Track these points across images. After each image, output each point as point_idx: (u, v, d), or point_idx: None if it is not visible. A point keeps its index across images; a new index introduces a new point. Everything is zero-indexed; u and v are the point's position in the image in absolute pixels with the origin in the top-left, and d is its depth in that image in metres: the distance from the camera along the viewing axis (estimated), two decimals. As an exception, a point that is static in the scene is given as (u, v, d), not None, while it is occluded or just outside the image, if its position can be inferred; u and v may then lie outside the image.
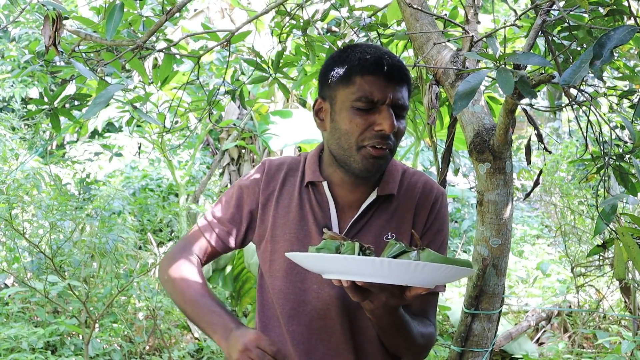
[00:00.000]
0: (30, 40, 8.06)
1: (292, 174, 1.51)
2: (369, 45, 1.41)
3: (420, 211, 1.48)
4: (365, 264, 1.11)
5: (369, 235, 1.44)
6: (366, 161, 1.36)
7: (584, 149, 1.81)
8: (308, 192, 1.48)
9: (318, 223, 1.44)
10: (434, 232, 1.49)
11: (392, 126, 1.33)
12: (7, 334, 3.51)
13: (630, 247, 1.55)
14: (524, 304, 5.01)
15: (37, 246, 3.20)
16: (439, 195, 1.50)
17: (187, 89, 2.67)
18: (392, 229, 1.45)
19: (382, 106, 1.34)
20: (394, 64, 1.36)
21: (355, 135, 1.36)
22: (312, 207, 1.46)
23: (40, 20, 2.14)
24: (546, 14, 1.41)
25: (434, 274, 1.13)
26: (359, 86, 1.34)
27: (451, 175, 2.15)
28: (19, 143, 5.55)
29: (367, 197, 1.46)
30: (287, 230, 1.46)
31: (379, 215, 1.46)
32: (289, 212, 1.47)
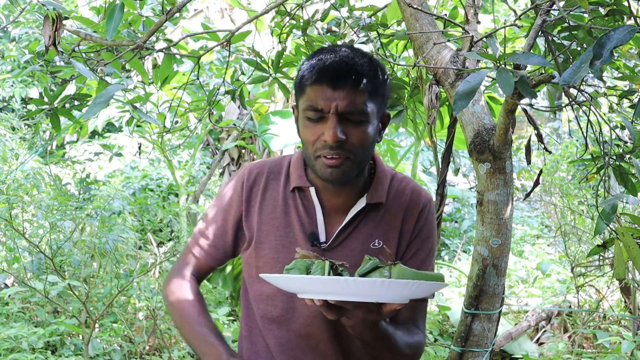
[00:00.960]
0: (30, 40, 8.06)
1: (274, 178, 1.48)
2: (330, 49, 1.35)
3: (408, 219, 1.47)
4: (332, 283, 1.11)
5: (356, 243, 1.43)
6: (324, 170, 1.34)
7: (584, 149, 1.81)
8: (294, 197, 1.45)
9: (304, 229, 1.42)
10: (422, 239, 1.48)
11: (334, 136, 1.29)
12: (7, 334, 3.51)
13: (631, 247, 1.55)
14: (524, 304, 5.01)
15: (37, 246, 3.20)
16: (427, 202, 1.49)
17: (187, 89, 2.67)
18: (379, 236, 1.44)
19: (327, 115, 1.31)
20: (339, 69, 1.30)
21: (310, 145, 1.34)
22: (299, 212, 1.44)
23: (40, 20, 2.15)
24: (546, 14, 1.41)
25: (402, 290, 1.13)
26: (308, 95, 1.32)
27: (451, 175, 2.15)
28: (19, 143, 5.55)
29: (354, 203, 1.43)
30: (272, 237, 1.44)
31: (366, 223, 1.44)
32: (274, 218, 1.45)
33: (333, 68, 1.30)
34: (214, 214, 1.52)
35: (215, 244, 1.51)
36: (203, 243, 1.52)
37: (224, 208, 1.50)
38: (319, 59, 1.33)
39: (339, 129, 1.29)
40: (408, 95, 2.43)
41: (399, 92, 2.43)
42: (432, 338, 4.64)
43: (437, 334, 4.73)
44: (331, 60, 1.31)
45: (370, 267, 1.19)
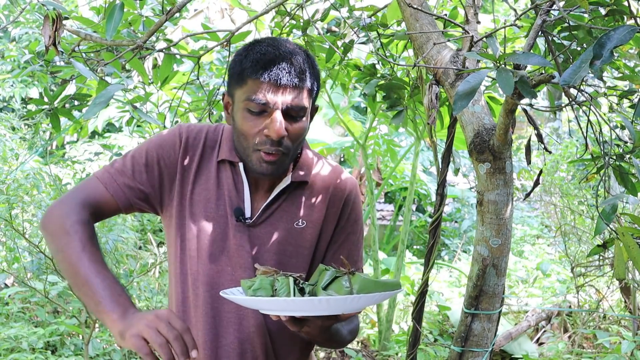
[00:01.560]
0: (30, 40, 8.06)
1: (210, 146, 1.46)
2: (270, 43, 1.36)
3: (334, 202, 1.49)
4: (305, 304, 1.16)
5: (280, 221, 1.44)
6: (259, 164, 1.35)
7: (584, 149, 1.81)
8: (225, 169, 1.44)
9: (232, 204, 1.42)
10: (352, 223, 1.51)
11: (279, 132, 1.30)
12: (7, 334, 3.51)
13: (631, 247, 1.55)
14: (524, 304, 5.01)
15: (37, 246, 3.20)
16: (353, 187, 1.52)
17: (187, 89, 2.67)
18: (303, 217, 1.46)
19: (272, 110, 1.31)
20: (284, 66, 1.31)
21: (248, 138, 1.34)
22: (229, 186, 1.43)
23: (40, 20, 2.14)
24: (546, 14, 1.41)
25: (369, 302, 1.20)
26: (250, 88, 1.32)
27: (451, 175, 2.15)
28: (19, 143, 5.55)
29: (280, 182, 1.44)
30: (203, 208, 1.42)
31: (291, 201, 1.46)
32: (207, 189, 1.43)
33: (278, 63, 1.31)
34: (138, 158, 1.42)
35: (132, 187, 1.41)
36: (120, 181, 1.40)
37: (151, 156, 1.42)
38: (261, 53, 1.32)
39: (284, 125, 1.31)
40: (408, 95, 2.43)
41: (399, 92, 2.43)
42: (432, 338, 4.64)
43: (437, 334, 4.73)
44: (274, 55, 1.32)
45: (330, 278, 1.24)
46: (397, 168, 7.24)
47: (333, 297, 1.16)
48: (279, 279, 1.23)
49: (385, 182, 6.30)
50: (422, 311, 2.26)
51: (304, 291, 1.25)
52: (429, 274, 2.23)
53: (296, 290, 1.22)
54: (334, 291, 1.23)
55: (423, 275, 2.25)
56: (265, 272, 1.25)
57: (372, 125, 4.93)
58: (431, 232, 2.20)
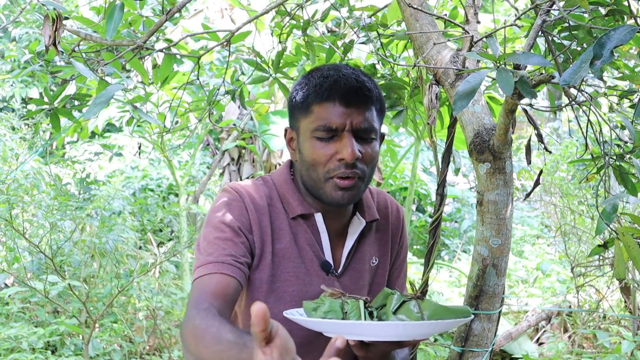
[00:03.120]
0: (30, 40, 8.06)
1: (273, 204, 1.37)
2: (331, 68, 1.33)
3: (395, 232, 1.50)
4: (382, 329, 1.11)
5: (360, 263, 1.42)
6: (335, 193, 1.30)
7: (584, 149, 1.81)
8: (299, 224, 1.37)
9: (316, 257, 1.37)
10: (404, 249, 1.53)
11: (352, 154, 1.26)
12: (7, 334, 3.51)
13: (631, 247, 1.55)
14: (524, 304, 5.01)
15: (37, 246, 3.20)
16: (403, 213, 1.53)
17: (187, 89, 2.67)
18: (375, 253, 1.45)
19: (342, 133, 1.27)
20: (351, 85, 1.27)
21: (320, 167, 1.29)
22: (308, 241, 1.37)
23: (40, 20, 2.14)
24: (546, 14, 1.41)
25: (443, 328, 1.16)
26: (317, 115, 1.28)
27: (451, 175, 2.15)
28: (19, 143, 5.55)
29: (349, 223, 1.40)
30: (286, 269, 1.35)
31: (364, 242, 1.44)
32: (285, 248, 1.35)
33: (343, 84, 1.28)
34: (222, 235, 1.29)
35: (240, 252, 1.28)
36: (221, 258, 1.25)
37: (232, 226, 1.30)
38: (323, 77, 1.29)
39: (356, 146, 1.27)
40: (408, 95, 2.42)
41: (399, 92, 2.43)
42: (432, 338, 4.63)
43: (437, 334, 4.73)
44: (337, 76, 1.29)
45: (398, 303, 1.21)
46: (397, 168, 7.24)
47: (410, 323, 1.12)
48: (348, 301, 1.18)
49: (385, 182, 6.30)
50: (422, 311, 2.26)
51: (373, 315, 1.22)
52: (429, 274, 2.23)
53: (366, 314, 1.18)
54: (405, 316, 1.19)
55: (423, 275, 2.25)
56: (333, 294, 1.20)
57: (372, 125, 4.92)
58: (431, 232, 2.20)
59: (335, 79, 1.28)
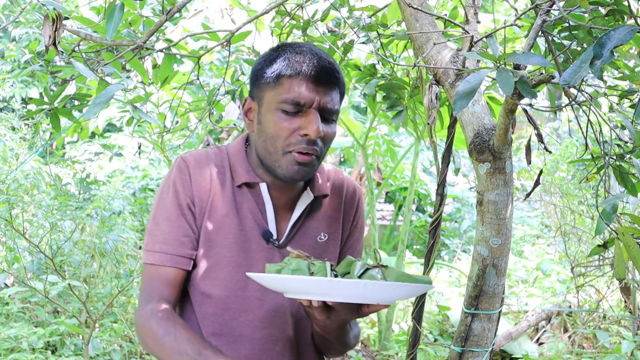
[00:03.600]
0: (30, 40, 8.06)
1: (220, 172, 1.41)
2: (301, 45, 1.35)
3: (348, 210, 1.49)
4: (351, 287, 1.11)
5: (305, 237, 1.42)
6: (291, 167, 1.31)
7: (584, 149, 1.81)
8: (242, 193, 1.39)
9: (258, 227, 1.38)
10: (358, 230, 1.52)
11: (317, 131, 1.28)
12: (7, 334, 3.51)
13: (631, 247, 1.55)
14: (524, 304, 5.01)
15: (37, 246, 3.20)
16: (360, 193, 1.53)
17: (187, 89, 2.67)
18: (324, 229, 1.45)
19: (308, 110, 1.29)
20: (323, 65, 1.30)
21: (281, 140, 1.30)
22: (251, 209, 1.39)
23: (40, 20, 2.14)
24: (546, 14, 1.41)
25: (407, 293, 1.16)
26: (286, 87, 1.29)
27: (451, 175, 2.15)
28: (19, 143, 5.55)
29: (299, 197, 1.42)
30: (224, 235, 1.37)
31: (312, 216, 1.44)
32: (225, 215, 1.37)
33: (316, 63, 1.30)
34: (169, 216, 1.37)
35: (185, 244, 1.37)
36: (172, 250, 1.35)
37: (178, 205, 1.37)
38: (296, 52, 1.32)
39: (321, 124, 1.30)
40: (408, 95, 2.43)
41: (399, 92, 2.43)
42: (432, 338, 4.63)
43: (437, 334, 4.73)
44: (311, 54, 1.31)
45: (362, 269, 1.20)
46: (397, 168, 7.24)
47: (377, 282, 1.11)
48: (315, 262, 1.19)
49: (385, 182, 6.30)
50: (422, 311, 2.26)
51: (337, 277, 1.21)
52: (429, 274, 2.23)
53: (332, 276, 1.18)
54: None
55: (423, 275, 2.25)
56: (299, 255, 1.20)
57: (372, 125, 4.93)
58: (431, 232, 2.20)
59: (309, 56, 1.31)
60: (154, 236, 1.37)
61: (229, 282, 1.36)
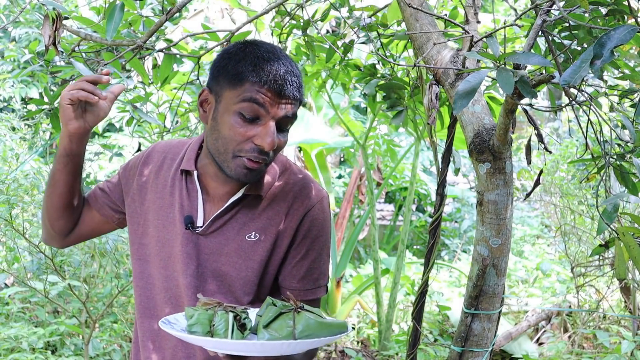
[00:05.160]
0: (30, 40, 8.06)
1: (172, 158, 1.50)
2: (269, 49, 1.32)
3: (292, 217, 1.43)
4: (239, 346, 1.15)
5: (232, 231, 1.41)
6: (239, 170, 1.32)
7: (584, 148, 1.81)
8: (180, 179, 1.46)
9: (183, 211, 1.42)
10: (312, 239, 1.44)
11: (272, 144, 1.28)
12: (7, 334, 3.51)
13: (631, 247, 1.55)
14: (524, 304, 5.01)
15: (37, 246, 3.20)
16: (316, 201, 1.44)
17: (187, 89, 2.67)
18: (256, 229, 1.41)
19: (266, 120, 1.28)
20: (289, 79, 1.29)
21: (233, 144, 1.30)
22: (182, 194, 1.44)
23: (40, 20, 2.12)
24: (546, 13, 1.41)
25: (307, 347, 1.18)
26: (248, 92, 1.27)
27: (451, 175, 2.15)
28: (19, 143, 5.55)
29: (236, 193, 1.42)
30: (155, 216, 1.46)
31: (245, 213, 1.42)
32: (160, 198, 1.47)
33: (282, 74, 1.28)
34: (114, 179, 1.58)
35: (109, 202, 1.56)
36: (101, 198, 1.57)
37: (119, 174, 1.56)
38: (261, 58, 1.29)
39: (276, 136, 1.29)
40: (408, 95, 2.42)
41: (399, 92, 2.42)
42: (432, 338, 4.64)
43: (437, 334, 4.73)
44: (278, 64, 1.29)
45: (274, 315, 1.20)
46: (397, 168, 7.24)
47: (269, 343, 1.14)
48: (218, 313, 1.20)
49: (385, 182, 6.30)
50: (422, 311, 2.26)
51: (245, 327, 1.22)
52: (429, 274, 2.23)
53: (235, 327, 1.19)
54: (275, 330, 1.19)
55: (423, 275, 2.25)
56: (207, 303, 1.22)
57: (372, 125, 4.93)
58: (431, 232, 2.20)
59: (277, 65, 1.28)
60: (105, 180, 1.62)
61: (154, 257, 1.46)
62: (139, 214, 1.49)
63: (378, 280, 4.72)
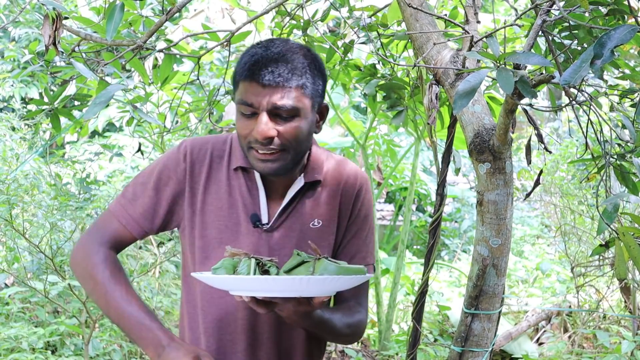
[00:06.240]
0: (30, 40, 8.06)
1: (218, 156, 1.47)
2: (262, 45, 1.35)
3: (346, 198, 1.49)
4: (255, 282, 1.17)
5: (296, 223, 1.44)
6: (255, 162, 1.36)
7: (584, 148, 1.81)
8: (237, 177, 1.45)
9: (247, 210, 1.43)
10: (361, 219, 1.51)
11: (262, 133, 1.30)
12: (7, 334, 3.51)
13: (631, 247, 1.55)
14: (524, 304, 5.01)
15: (37, 246, 3.20)
16: (364, 182, 1.51)
17: (188, 89, 2.68)
18: (318, 216, 1.46)
19: (259, 111, 1.32)
20: (270, 66, 1.30)
21: (242, 138, 1.36)
22: (242, 193, 1.44)
23: (40, 20, 2.13)
24: (546, 13, 1.41)
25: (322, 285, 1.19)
26: (240, 91, 1.33)
27: (451, 175, 2.15)
28: (19, 143, 5.55)
29: (292, 184, 1.44)
30: (216, 217, 1.43)
31: (305, 202, 1.46)
32: (218, 199, 1.44)
33: (263, 64, 1.30)
34: (146, 183, 1.45)
35: (146, 215, 1.44)
36: (132, 211, 1.45)
37: (159, 179, 1.45)
38: (250, 55, 1.33)
39: (269, 126, 1.31)
40: (408, 95, 2.42)
41: (399, 92, 2.43)
42: (432, 338, 4.63)
43: (437, 334, 4.73)
44: (261, 55, 1.31)
45: (296, 263, 1.24)
46: (397, 168, 7.24)
47: (280, 277, 1.17)
48: (242, 260, 1.23)
49: (385, 182, 6.30)
50: (422, 311, 2.26)
51: (268, 273, 1.25)
52: (429, 274, 2.23)
53: (258, 272, 1.22)
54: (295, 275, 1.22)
55: (423, 275, 2.25)
56: (234, 254, 1.25)
57: (372, 125, 4.93)
58: (431, 232, 2.20)
59: (258, 58, 1.31)
60: (126, 192, 1.47)
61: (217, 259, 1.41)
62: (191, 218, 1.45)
63: (378, 280, 4.72)
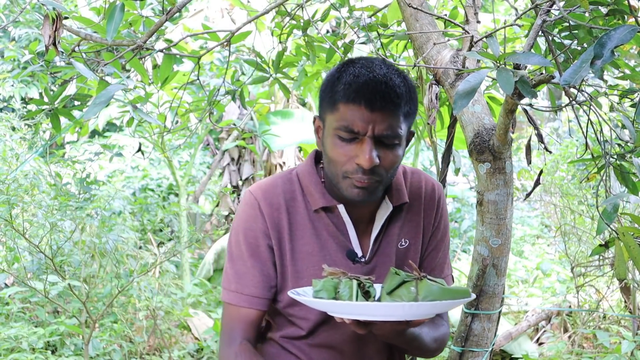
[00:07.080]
0: (30, 40, 8.06)
1: (291, 198, 1.39)
2: (365, 65, 1.28)
3: (428, 212, 1.47)
4: (362, 308, 1.16)
5: (388, 247, 1.42)
6: (351, 190, 1.29)
7: (584, 148, 1.81)
8: (320, 217, 1.38)
9: (341, 249, 1.38)
10: (441, 230, 1.49)
11: (369, 161, 1.24)
12: (7, 334, 3.51)
13: (631, 247, 1.55)
14: (524, 304, 5.01)
15: (37, 246, 3.20)
16: (440, 192, 1.49)
17: (188, 89, 2.67)
18: (405, 235, 1.44)
19: (363, 137, 1.25)
20: (378, 90, 1.23)
21: (339, 165, 1.29)
22: (331, 233, 1.38)
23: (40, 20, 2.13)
24: (546, 13, 1.41)
25: (429, 310, 1.18)
26: (341, 114, 1.26)
27: (451, 175, 2.15)
28: (19, 143, 5.54)
29: (377, 208, 1.40)
30: (309, 264, 1.37)
31: (393, 224, 1.43)
32: (305, 244, 1.37)
33: (372, 88, 1.23)
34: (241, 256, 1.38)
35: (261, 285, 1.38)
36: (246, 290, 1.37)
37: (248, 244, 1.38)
38: (354, 75, 1.26)
39: (374, 154, 1.25)
40: (408, 95, 2.42)
41: (399, 92, 2.42)
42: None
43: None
44: (367, 78, 1.24)
45: (397, 284, 1.22)
46: (397, 168, 7.22)
47: (390, 304, 1.15)
48: (343, 281, 1.21)
49: (386, 182, 6.29)
50: (422, 311, 2.26)
51: (369, 294, 1.22)
52: (429, 274, 2.23)
53: (359, 294, 1.20)
54: (399, 297, 1.21)
55: (423, 275, 2.25)
56: (332, 273, 1.22)
57: (372, 125, 4.92)
58: (431, 232, 2.20)
59: (365, 80, 1.24)
60: (229, 275, 1.39)
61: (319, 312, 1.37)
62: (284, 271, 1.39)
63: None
